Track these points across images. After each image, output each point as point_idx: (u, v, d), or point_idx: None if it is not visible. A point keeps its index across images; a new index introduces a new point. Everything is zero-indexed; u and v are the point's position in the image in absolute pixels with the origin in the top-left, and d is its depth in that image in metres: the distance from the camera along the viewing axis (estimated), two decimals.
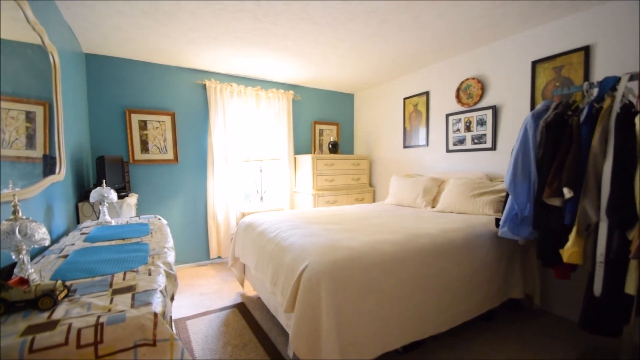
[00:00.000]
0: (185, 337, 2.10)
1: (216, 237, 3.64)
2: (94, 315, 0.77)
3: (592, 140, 1.61)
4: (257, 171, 3.98)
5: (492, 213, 2.46)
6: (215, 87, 3.51)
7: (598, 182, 1.59)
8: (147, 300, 0.83)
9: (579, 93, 1.88)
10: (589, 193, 1.61)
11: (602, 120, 1.60)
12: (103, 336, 0.71)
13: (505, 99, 2.79)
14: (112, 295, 0.88)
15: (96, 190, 1.93)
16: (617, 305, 1.61)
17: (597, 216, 1.59)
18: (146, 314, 0.76)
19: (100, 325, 0.73)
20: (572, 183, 1.62)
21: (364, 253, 1.64)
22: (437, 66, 3.41)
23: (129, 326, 0.73)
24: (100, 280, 1.00)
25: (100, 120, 3.07)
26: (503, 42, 2.78)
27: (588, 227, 1.64)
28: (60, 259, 1.24)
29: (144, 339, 0.74)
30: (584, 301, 1.72)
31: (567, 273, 1.89)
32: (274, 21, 2.36)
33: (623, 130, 1.51)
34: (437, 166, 3.47)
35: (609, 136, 1.56)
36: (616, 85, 1.67)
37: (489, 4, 2.15)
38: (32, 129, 1.49)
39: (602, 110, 1.63)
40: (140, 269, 1.08)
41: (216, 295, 2.78)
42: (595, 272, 1.61)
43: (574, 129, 1.69)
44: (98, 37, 2.62)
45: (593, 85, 1.80)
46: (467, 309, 1.97)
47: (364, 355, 1.54)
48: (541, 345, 2.00)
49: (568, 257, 1.65)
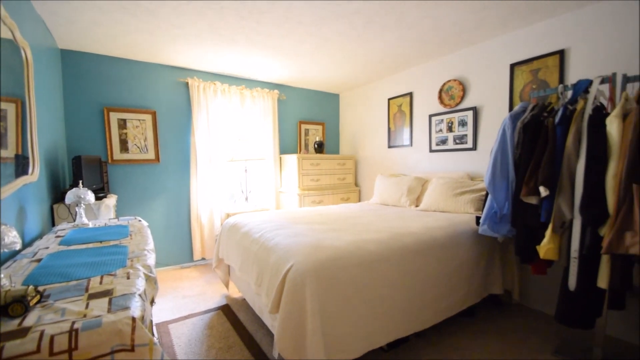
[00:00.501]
0: (168, 341, 2.05)
1: (200, 238, 3.58)
2: (68, 321, 0.74)
3: (567, 140, 1.68)
4: (242, 171, 3.94)
5: (473, 211, 2.52)
6: (198, 85, 3.45)
7: (572, 181, 1.66)
8: (125, 305, 0.80)
9: (554, 95, 1.95)
10: (563, 191, 1.67)
11: (575, 121, 1.67)
12: (78, 342, 0.69)
13: (485, 100, 2.86)
14: (88, 300, 0.85)
15: (72, 191, 1.86)
16: (590, 299, 1.68)
17: (572, 214, 1.66)
18: (123, 319, 0.74)
19: (75, 331, 0.70)
20: (548, 182, 1.68)
21: (348, 252, 1.65)
22: (421, 67, 3.47)
23: (105, 331, 0.71)
24: (75, 284, 0.97)
25: (77, 118, 2.96)
26: (483, 45, 2.85)
27: (563, 224, 1.71)
28: (33, 263, 1.19)
29: (121, 345, 0.72)
30: (559, 295, 1.79)
31: (544, 269, 1.97)
32: (259, 20, 2.33)
33: (595, 131, 1.58)
34: (420, 166, 3.53)
35: (582, 137, 1.62)
36: (589, 87, 1.74)
37: (469, 8, 2.20)
38: (3, 128, 1.42)
39: (575, 112, 1.70)
40: (118, 272, 1.05)
41: (200, 298, 2.73)
42: (569, 267, 1.68)
43: (549, 129, 1.75)
44: (74, 32, 2.53)
45: (567, 87, 1.88)
46: (449, 306, 2.01)
47: (349, 354, 1.55)
48: (520, 338, 2.07)
49: (544, 253, 1.72)
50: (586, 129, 1.61)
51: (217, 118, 3.59)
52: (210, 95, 3.54)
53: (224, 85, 3.61)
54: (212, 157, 3.56)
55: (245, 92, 3.79)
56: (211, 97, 3.55)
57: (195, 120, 3.43)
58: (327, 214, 2.71)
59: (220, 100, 3.62)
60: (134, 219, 2.06)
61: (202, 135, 3.48)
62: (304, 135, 4.45)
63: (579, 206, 1.60)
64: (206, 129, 3.50)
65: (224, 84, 3.62)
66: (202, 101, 3.48)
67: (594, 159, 1.57)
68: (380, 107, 4.06)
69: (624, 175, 1.47)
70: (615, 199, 1.49)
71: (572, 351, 1.89)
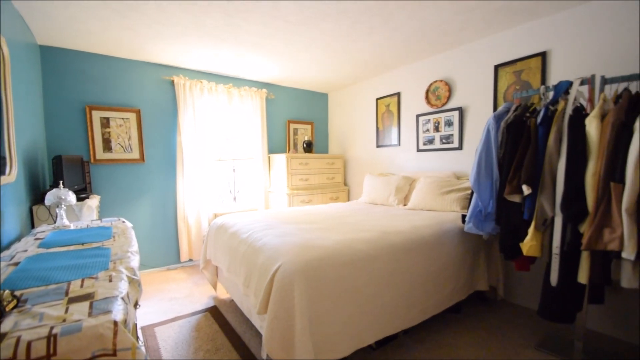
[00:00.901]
0: (154, 344, 2.01)
1: (187, 239, 3.52)
2: (47, 326, 0.71)
3: (548, 140, 1.72)
4: (230, 171, 3.89)
5: (459, 210, 2.57)
6: (184, 83, 3.39)
7: (553, 179, 1.71)
8: (107, 308, 0.78)
9: (537, 96, 2.00)
10: (545, 190, 1.72)
11: (556, 121, 1.72)
12: (56, 348, 0.67)
13: (471, 100, 2.91)
14: (68, 304, 0.83)
15: (52, 192, 1.80)
16: (571, 294, 1.73)
17: (553, 211, 1.71)
18: (105, 323, 0.72)
19: (54, 336, 0.68)
20: (530, 180, 1.72)
21: (337, 252, 1.65)
22: (408, 68, 3.50)
23: (85, 336, 0.69)
24: (54, 288, 0.93)
25: (58, 117, 2.86)
26: (468, 47, 2.90)
27: (545, 222, 1.76)
28: (10, 267, 1.14)
29: (102, 349, 0.70)
30: (542, 291, 1.84)
31: (527, 265, 2.02)
32: (246, 18, 2.31)
33: (575, 131, 1.63)
34: (408, 165, 3.57)
35: (563, 137, 1.67)
36: (569, 89, 1.80)
37: (453, 10, 2.23)
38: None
39: (556, 112, 1.75)
40: (100, 275, 1.02)
41: (187, 300, 2.69)
42: (551, 263, 1.72)
43: (532, 129, 1.80)
44: (53, 28, 2.45)
45: (549, 88, 1.93)
46: (436, 303, 2.04)
47: (338, 353, 1.55)
48: (505, 333, 2.11)
49: (527, 250, 1.76)
50: (567, 129, 1.65)
51: (204, 117, 3.54)
52: (197, 94, 3.49)
53: (210, 84, 3.56)
54: (199, 157, 3.50)
55: (233, 90, 3.75)
56: (197, 95, 3.49)
57: (181, 119, 3.38)
58: (316, 213, 2.70)
59: (207, 99, 3.57)
60: (117, 220, 2.01)
61: (189, 134, 3.42)
62: (293, 134, 4.44)
63: (560, 204, 1.65)
64: (193, 128, 3.45)
65: (210, 83, 3.57)
66: (189, 100, 3.43)
67: (574, 158, 1.62)
68: (368, 107, 4.08)
69: (602, 174, 1.52)
70: (594, 196, 1.54)
71: (555, 345, 1.95)
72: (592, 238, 1.50)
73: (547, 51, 2.38)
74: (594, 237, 1.50)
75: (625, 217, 1.42)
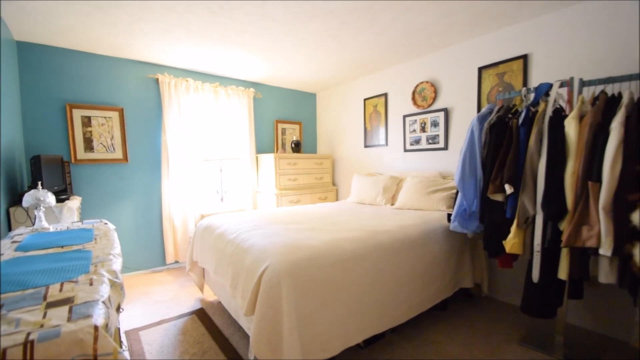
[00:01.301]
0: (138, 348, 1.97)
1: (173, 240, 3.46)
2: (23, 332, 0.68)
3: (529, 140, 1.77)
4: (217, 171, 3.84)
5: (444, 209, 2.61)
6: (169, 81, 3.33)
7: (534, 178, 1.76)
8: (87, 313, 0.76)
9: (518, 97, 2.05)
10: (526, 189, 1.77)
11: (537, 122, 1.77)
12: (33, 355, 0.64)
13: (456, 102, 2.97)
14: (46, 309, 0.80)
15: (30, 194, 1.74)
16: (552, 290, 1.79)
17: (534, 209, 1.76)
18: (85, 328, 0.70)
19: (30, 342, 0.65)
20: (513, 180, 1.77)
21: (324, 251, 1.65)
22: (395, 69, 3.54)
23: (64, 342, 0.67)
24: (32, 293, 0.90)
25: (36, 115, 2.76)
26: (453, 49, 2.95)
27: (526, 220, 1.81)
28: None
29: (82, 355, 0.68)
30: (524, 287, 1.89)
31: (510, 262, 2.07)
32: (231, 16, 2.29)
33: (554, 132, 1.68)
34: (395, 165, 3.60)
35: (543, 137, 1.72)
36: (549, 91, 1.85)
37: (438, 12, 2.27)
38: None
39: (537, 114, 1.80)
40: (81, 278, 0.99)
41: (173, 303, 2.64)
42: (533, 260, 1.77)
43: (514, 130, 1.84)
44: (31, 23, 2.36)
45: (530, 90, 1.98)
46: (423, 300, 2.07)
47: (326, 353, 1.56)
48: (489, 329, 2.16)
49: (510, 248, 1.80)
50: (547, 130, 1.70)
51: (189, 116, 3.48)
52: (182, 93, 3.43)
53: (196, 82, 3.51)
54: (185, 157, 3.45)
55: (220, 89, 3.70)
56: (183, 94, 3.44)
57: (166, 118, 3.31)
58: (304, 213, 2.70)
59: (193, 98, 3.52)
60: (99, 222, 1.95)
61: (174, 133, 3.36)
62: (281, 134, 4.42)
63: (541, 202, 1.70)
64: (178, 127, 3.39)
65: (196, 81, 3.51)
66: (174, 98, 3.36)
67: (554, 158, 1.67)
68: (356, 107, 4.10)
69: (580, 173, 1.57)
70: (573, 195, 1.60)
71: (537, 340, 2.00)
72: (571, 235, 1.55)
73: (528, 54, 2.44)
74: (573, 235, 1.55)
75: (602, 214, 1.47)
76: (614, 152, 1.44)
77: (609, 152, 1.46)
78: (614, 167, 1.44)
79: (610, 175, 1.45)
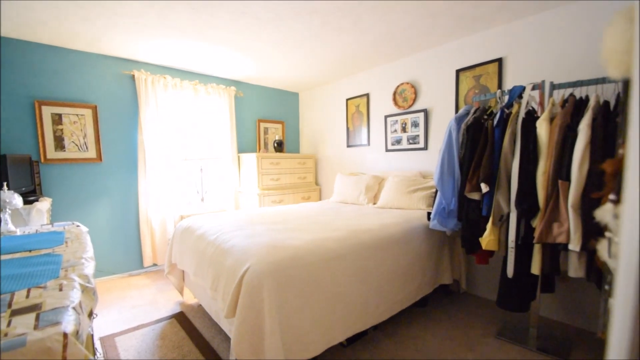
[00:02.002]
0: (114, 355, 1.90)
1: (151, 243, 3.35)
2: None
3: (504, 141, 1.83)
4: (197, 171, 3.76)
5: (424, 207, 2.66)
6: (145, 78, 3.22)
7: (508, 177, 1.82)
8: (55, 320, 0.72)
9: (494, 99, 2.12)
10: (501, 187, 1.83)
11: (511, 123, 1.83)
12: None
13: (435, 103, 3.04)
14: (11, 316, 0.75)
15: None
16: (526, 284, 1.86)
17: (508, 207, 1.82)
18: (53, 335, 0.67)
19: None
20: (488, 179, 1.83)
21: (307, 251, 1.65)
22: (377, 70, 3.58)
23: (30, 351, 0.63)
24: None
25: (2, 112, 2.60)
26: (432, 51, 3.02)
27: (501, 218, 1.87)
28: None
29: None
30: (500, 283, 1.96)
31: (486, 259, 2.14)
32: (212, 13, 2.24)
33: (527, 133, 1.75)
34: (377, 165, 3.65)
35: (516, 138, 1.79)
36: (522, 93, 1.92)
37: (419, 14, 2.31)
38: None
39: (511, 115, 1.86)
40: (49, 284, 0.94)
41: (151, 307, 2.56)
42: (507, 256, 1.84)
43: (489, 131, 1.91)
44: None
45: (504, 92, 2.05)
46: (404, 298, 2.11)
47: (309, 353, 1.55)
48: (467, 324, 2.23)
49: (486, 245, 1.86)
50: (519, 131, 1.77)
51: (168, 115, 3.38)
52: (160, 90, 3.33)
53: (175, 80, 3.41)
54: (163, 156, 3.35)
55: (200, 87, 3.62)
56: (161, 91, 3.34)
57: (142, 116, 3.20)
58: (287, 213, 2.69)
59: (172, 96, 3.42)
60: (71, 225, 1.87)
61: (151, 132, 3.26)
62: (264, 133, 4.37)
63: (514, 201, 1.76)
64: (156, 126, 3.28)
65: (175, 78, 3.42)
66: (151, 96, 3.26)
67: (526, 158, 1.74)
68: (339, 107, 4.12)
69: (551, 173, 1.64)
70: (544, 193, 1.67)
71: (512, 333, 2.08)
72: (543, 232, 1.62)
73: (503, 57, 2.53)
74: (544, 231, 1.62)
75: (571, 212, 1.54)
76: (582, 153, 1.52)
77: (577, 152, 1.54)
78: (582, 167, 1.52)
79: (578, 174, 1.52)
